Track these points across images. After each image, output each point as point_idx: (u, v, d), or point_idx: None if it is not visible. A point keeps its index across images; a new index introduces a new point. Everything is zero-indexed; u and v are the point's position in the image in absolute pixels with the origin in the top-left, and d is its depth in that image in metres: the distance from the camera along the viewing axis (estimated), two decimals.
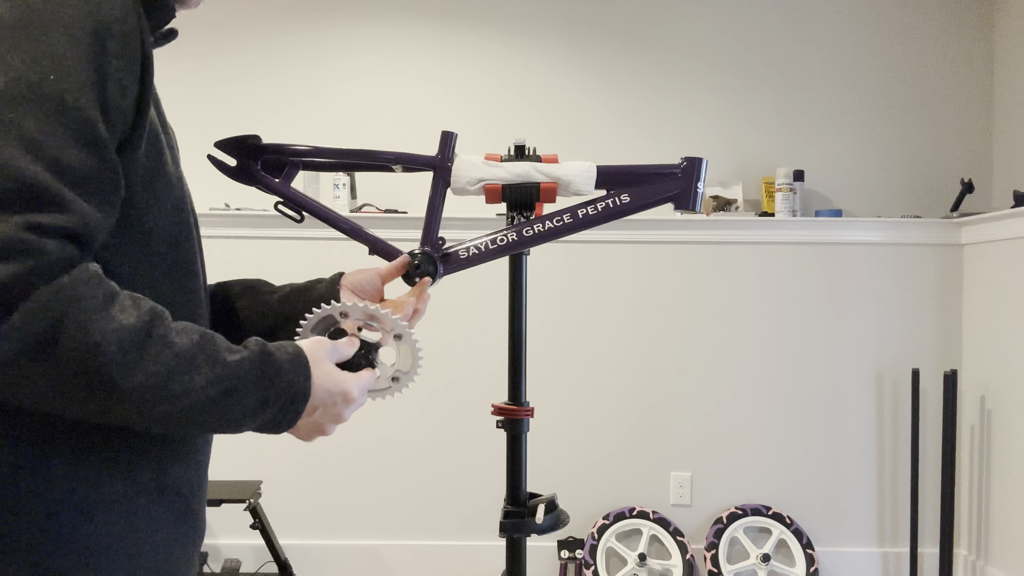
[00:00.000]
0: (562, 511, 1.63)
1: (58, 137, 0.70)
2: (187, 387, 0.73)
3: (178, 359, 0.73)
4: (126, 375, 0.70)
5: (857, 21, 3.22)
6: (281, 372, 0.81)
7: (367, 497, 3.13)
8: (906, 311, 3.15)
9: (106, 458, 0.80)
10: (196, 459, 0.92)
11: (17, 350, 0.66)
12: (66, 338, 0.67)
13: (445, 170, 1.31)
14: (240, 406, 0.78)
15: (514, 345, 1.63)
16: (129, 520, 0.81)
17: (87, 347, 0.68)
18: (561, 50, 3.21)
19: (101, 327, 0.68)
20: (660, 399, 3.15)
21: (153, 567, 0.84)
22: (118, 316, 0.70)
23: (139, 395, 0.71)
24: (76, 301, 0.68)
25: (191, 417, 0.75)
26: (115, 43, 0.74)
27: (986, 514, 3.01)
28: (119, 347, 0.69)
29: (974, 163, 3.22)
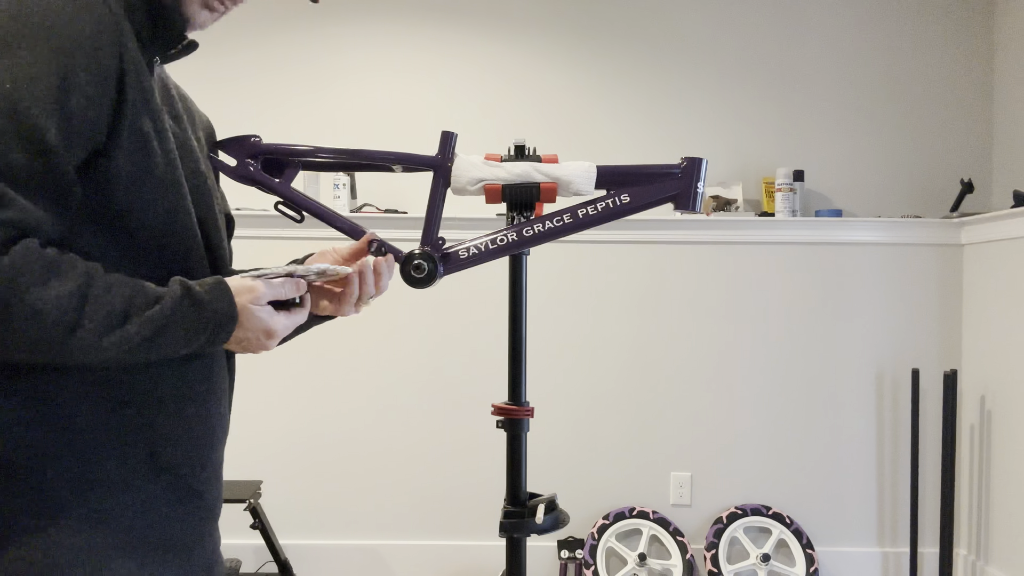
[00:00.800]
0: (562, 511, 1.63)
1: (6, 142, 0.78)
2: (123, 336, 0.84)
3: (110, 315, 0.83)
4: (68, 334, 0.80)
5: (857, 21, 3.22)
6: (203, 303, 0.90)
7: (367, 497, 3.13)
8: (906, 311, 3.15)
9: (98, 439, 0.88)
10: (195, 440, 0.98)
11: None
12: (13, 309, 0.77)
13: (445, 170, 1.31)
14: (173, 339, 0.88)
15: (514, 345, 1.63)
16: (121, 498, 0.89)
17: (31, 315, 0.78)
18: (561, 50, 3.21)
19: (41, 296, 0.78)
20: (660, 399, 3.15)
21: (149, 542, 0.91)
22: (55, 285, 0.79)
23: (82, 348, 0.81)
24: (17, 276, 0.77)
25: (132, 355, 0.85)
26: (83, 58, 0.82)
27: (986, 514, 3.01)
28: (59, 311, 0.79)
29: (974, 163, 3.22)
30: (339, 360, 3.12)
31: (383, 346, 3.13)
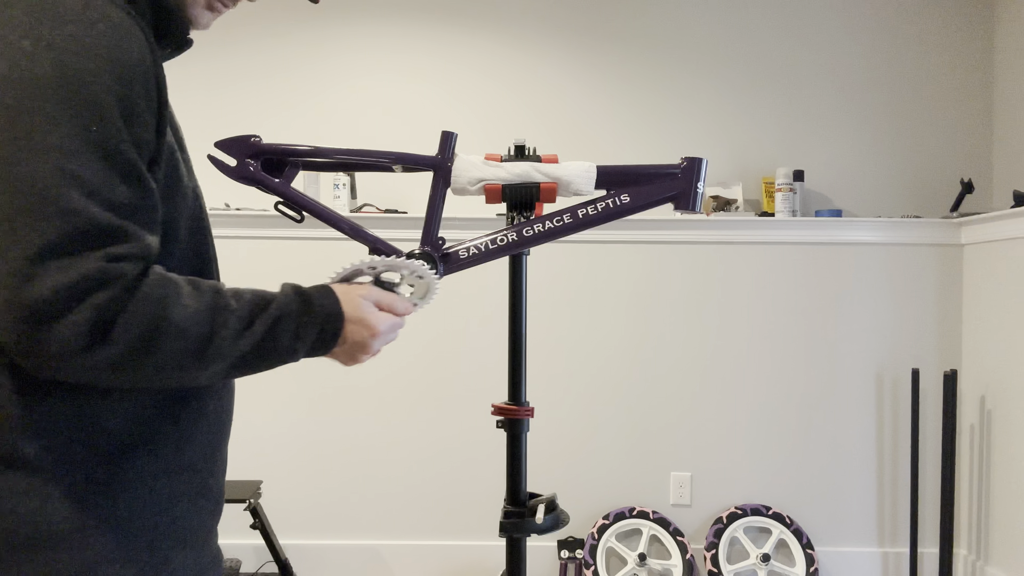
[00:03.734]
0: (562, 511, 1.63)
1: (110, 180, 0.82)
2: (251, 335, 0.91)
3: (240, 319, 0.90)
4: (207, 343, 0.87)
5: (857, 21, 3.22)
6: (313, 299, 0.98)
7: (367, 497, 3.13)
8: (906, 311, 3.15)
9: (130, 440, 0.91)
10: (209, 439, 1.02)
11: (124, 350, 0.81)
12: (162, 330, 0.84)
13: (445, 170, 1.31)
14: (288, 333, 0.94)
15: (514, 345, 1.63)
16: (150, 495, 0.93)
17: (177, 333, 0.85)
18: (561, 50, 3.21)
19: (180, 314, 0.85)
20: (660, 399, 3.15)
21: (172, 536, 0.95)
22: (189, 303, 0.86)
23: (219, 353, 0.88)
24: (159, 302, 0.84)
25: (256, 354, 0.92)
26: (139, 85, 0.85)
27: (986, 514, 3.01)
28: (197, 325, 0.86)
29: (974, 163, 3.22)
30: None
31: (383, 346, 3.12)
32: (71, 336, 0.78)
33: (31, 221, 0.78)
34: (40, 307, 0.77)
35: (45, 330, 0.78)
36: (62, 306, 0.78)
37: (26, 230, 0.77)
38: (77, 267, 0.78)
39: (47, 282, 0.77)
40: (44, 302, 0.77)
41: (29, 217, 0.78)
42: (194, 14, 1.00)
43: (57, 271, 0.78)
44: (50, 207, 0.78)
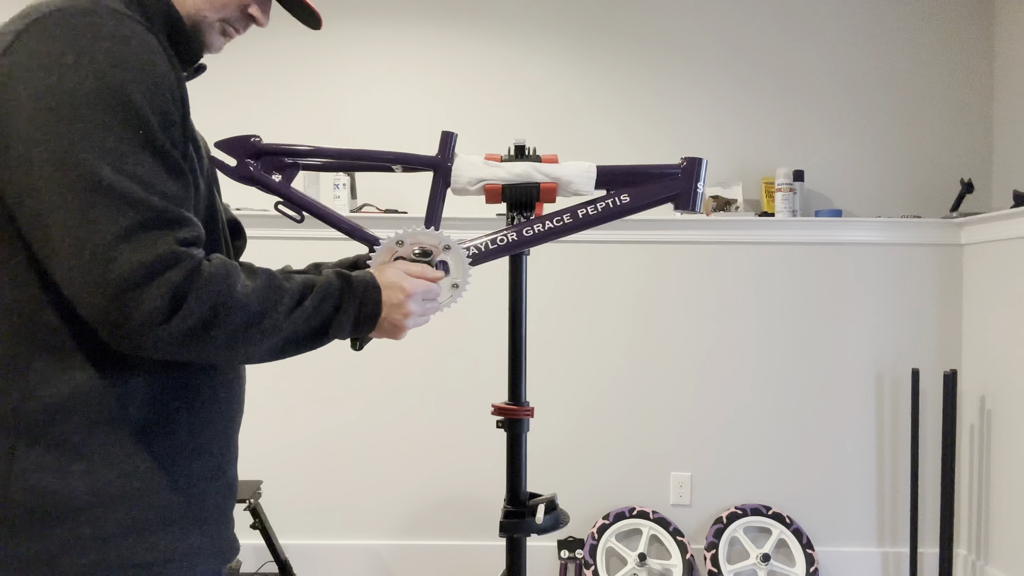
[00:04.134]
0: (562, 511, 1.63)
1: (162, 176, 0.92)
2: (303, 310, 1.01)
3: (292, 296, 1.01)
4: (265, 317, 0.97)
5: (857, 21, 3.22)
6: (352, 279, 1.08)
7: (367, 497, 3.13)
8: (906, 311, 3.15)
9: (147, 422, 0.98)
10: (222, 426, 1.09)
11: (195, 324, 0.91)
12: (224, 307, 0.93)
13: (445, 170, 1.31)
14: (331, 308, 1.05)
15: (514, 345, 1.63)
16: (166, 476, 0.99)
17: (240, 307, 0.95)
18: (561, 50, 3.21)
19: (243, 292, 0.96)
20: (660, 399, 3.15)
21: (188, 515, 1.01)
22: (247, 283, 0.97)
23: (275, 327, 0.99)
24: (223, 280, 0.94)
25: (309, 328, 1.03)
26: (168, 94, 0.95)
27: (986, 514, 3.01)
28: (258, 301, 0.97)
29: (974, 163, 3.22)
30: (339, 360, 3.13)
31: (383, 346, 3.13)
32: (152, 309, 0.87)
33: (104, 213, 0.87)
34: (123, 284, 0.87)
35: (130, 303, 0.87)
36: (142, 282, 0.87)
37: (101, 221, 0.87)
38: (152, 249, 0.88)
39: (126, 262, 0.87)
40: (126, 279, 0.87)
41: (101, 210, 0.87)
42: (209, 39, 1.10)
43: (133, 252, 0.87)
44: (118, 200, 0.87)
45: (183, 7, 1.06)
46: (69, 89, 0.88)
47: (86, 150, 0.87)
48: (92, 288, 0.87)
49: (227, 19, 1.10)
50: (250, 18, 1.13)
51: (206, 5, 1.07)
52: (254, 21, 1.13)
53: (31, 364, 0.93)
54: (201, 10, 1.07)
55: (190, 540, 1.01)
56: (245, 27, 1.14)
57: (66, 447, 0.93)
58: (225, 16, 1.10)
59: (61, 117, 0.87)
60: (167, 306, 0.88)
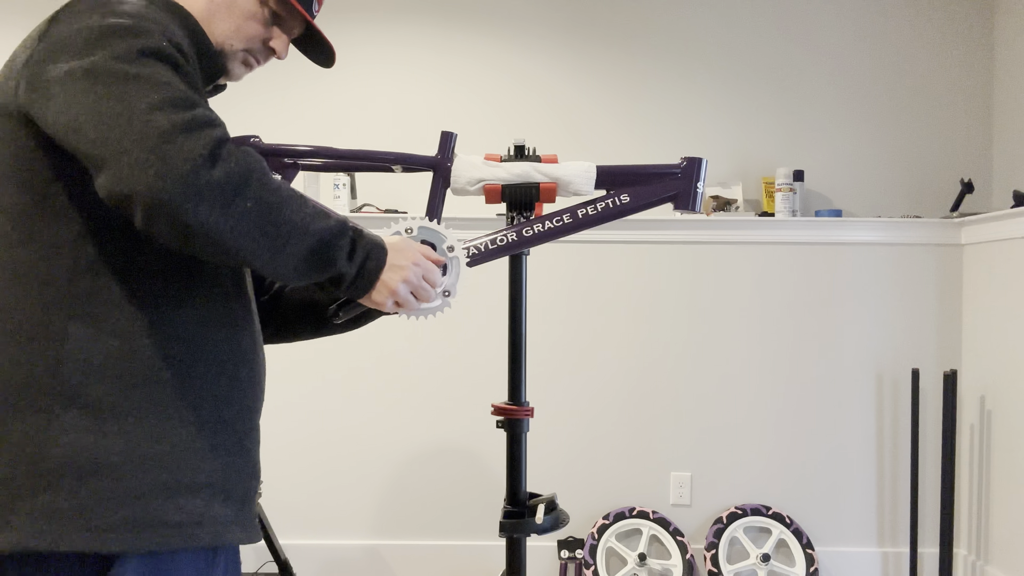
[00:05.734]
0: (562, 511, 1.63)
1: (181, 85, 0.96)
2: (327, 225, 1.02)
3: (315, 209, 1.03)
4: (296, 211, 0.99)
5: (857, 21, 3.22)
6: (363, 232, 1.09)
7: (367, 497, 3.13)
8: (906, 311, 3.15)
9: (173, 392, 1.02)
10: (246, 403, 1.13)
11: (237, 185, 0.93)
12: (260, 179, 0.96)
13: (445, 170, 1.31)
14: (347, 243, 1.05)
15: (514, 345, 1.63)
16: (192, 443, 1.03)
17: (273, 188, 0.97)
18: (561, 50, 3.21)
19: (271, 177, 0.98)
20: (660, 399, 3.15)
21: (212, 485, 1.05)
22: (275, 177, 0.99)
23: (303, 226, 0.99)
24: (259, 160, 0.97)
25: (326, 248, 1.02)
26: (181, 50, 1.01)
27: (986, 514, 3.01)
28: (288, 191, 0.99)
29: (974, 163, 3.22)
30: (339, 360, 3.13)
31: (383, 346, 3.13)
32: (194, 155, 0.89)
33: (137, 92, 0.91)
34: (163, 135, 0.89)
35: (171, 150, 0.89)
36: (182, 133, 0.90)
37: (135, 98, 0.91)
38: (189, 111, 0.92)
39: (165, 119, 0.90)
40: (165, 132, 0.89)
41: (133, 90, 0.91)
42: (231, 67, 1.18)
43: (170, 114, 0.91)
44: (149, 83, 0.93)
45: (211, 35, 1.13)
46: (97, 33, 0.95)
47: (115, 60, 0.93)
48: (132, 146, 0.89)
49: (250, 50, 1.18)
50: (271, 51, 1.21)
51: (234, 36, 1.15)
52: (274, 54, 1.21)
53: (66, 330, 0.98)
54: (229, 39, 1.15)
55: (216, 510, 1.05)
56: (266, 59, 1.22)
57: (101, 408, 0.98)
58: (249, 47, 1.18)
59: (91, 47, 0.94)
60: (208, 155, 0.90)
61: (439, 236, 1.22)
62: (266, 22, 1.18)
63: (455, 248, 1.22)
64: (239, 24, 1.15)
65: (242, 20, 1.15)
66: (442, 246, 1.22)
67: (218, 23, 1.14)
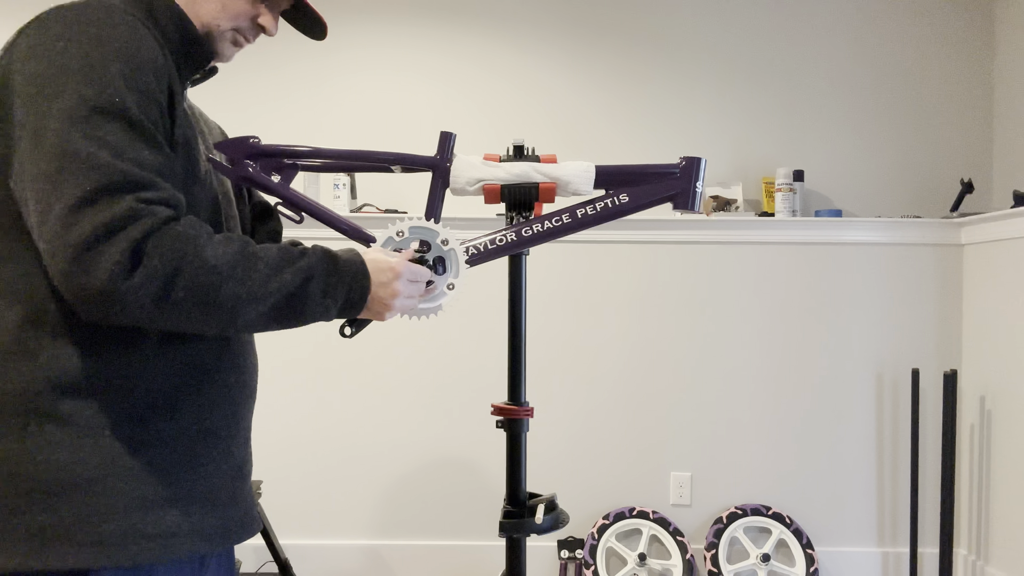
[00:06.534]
0: (562, 511, 1.63)
1: (135, 144, 0.94)
2: (282, 282, 1.00)
3: (269, 267, 1.00)
4: (239, 283, 0.96)
5: (857, 21, 3.22)
6: (340, 261, 1.07)
7: (367, 497, 3.14)
8: (906, 311, 3.15)
9: (153, 402, 1.02)
10: (231, 408, 1.12)
11: (162, 283, 0.91)
12: (190, 267, 0.93)
13: (444, 170, 1.31)
14: (319, 289, 1.03)
15: (514, 345, 1.63)
16: (171, 455, 1.03)
17: (207, 269, 0.94)
18: (560, 50, 3.21)
19: (213, 253, 0.95)
20: (660, 399, 3.15)
21: (194, 495, 1.05)
22: (219, 246, 0.96)
23: (251, 295, 0.97)
24: (191, 239, 0.94)
25: (291, 304, 1.01)
26: (150, 75, 0.98)
27: (986, 514, 3.01)
28: (229, 265, 0.96)
29: (974, 163, 3.22)
30: (339, 360, 3.13)
31: (383, 345, 3.13)
32: (112, 264, 0.89)
33: (69, 178, 0.90)
34: (81, 244, 0.89)
35: (88, 262, 0.89)
36: (101, 240, 0.89)
37: (66, 186, 0.90)
38: (111, 209, 0.90)
39: (87, 223, 0.89)
40: (84, 240, 0.88)
41: (67, 175, 0.90)
42: (221, 48, 1.16)
43: (94, 214, 0.89)
44: (84, 165, 0.90)
45: (197, 17, 1.11)
46: (54, 71, 0.93)
47: (61, 120, 0.91)
48: (56, 251, 0.90)
49: (239, 28, 1.16)
50: (260, 27, 1.18)
51: (221, 15, 1.13)
52: (263, 30, 1.19)
53: (41, 349, 0.98)
54: (216, 19, 1.13)
55: (195, 518, 1.04)
56: (255, 36, 1.19)
57: (77, 423, 0.97)
58: (237, 26, 1.16)
59: (44, 95, 0.93)
60: (127, 260, 0.89)
61: (432, 232, 1.23)
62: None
63: (449, 241, 1.22)
64: (225, 3, 1.13)
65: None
66: (436, 241, 1.22)
67: (203, 4, 1.12)
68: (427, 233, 1.23)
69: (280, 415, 3.12)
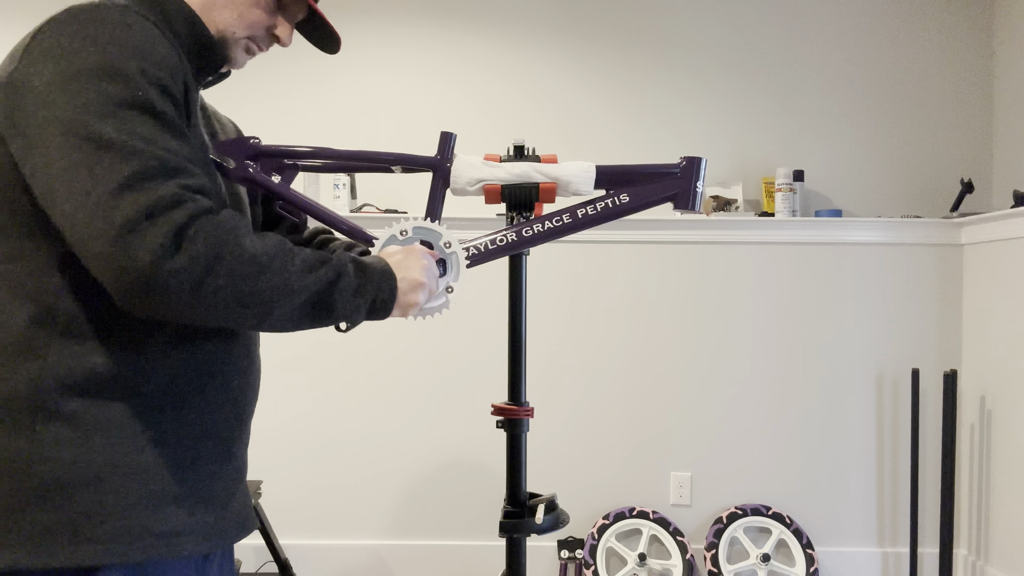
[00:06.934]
0: (562, 511, 1.63)
1: (163, 134, 0.95)
2: (317, 277, 1.01)
3: (304, 261, 1.01)
4: (276, 273, 0.97)
5: (857, 21, 3.22)
6: (366, 265, 1.09)
7: (367, 497, 3.14)
8: (906, 311, 3.15)
9: (158, 403, 1.03)
10: (235, 410, 1.13)
11: (202, 267, 0.91)
12: (230, 254, 0.93)
13: (444, 171, 1.31)
14: (351, 287, 1.05)
15: (514, 345, 1.63)
16: (174, 455, 1.04)
17: (247, 259, 0.95)
18: (561, 50, 3.21)
19: (253, 244, 0.96)
20: (660, 399, 3.15)
21: (195, 494, 1.06)
22: (258, 239, 0.98)
23: (287, 287, 0.98)
24: (232, 230, 0.95)
25: (324, 300, 1.02)
26: (167, 72, 0.99)
27: (986, 514, 3.01)
28: (268, 256, 0.97)
29: (974, 163, 3.22)
30: (339, 360, 3.13)
31: (383, 346, 3.13)
32: (156, 246, 0.88)
33: (108, 165, 0.90)
34: (127, 225, 0.88)
35: (131, 244, 0.88)
36: (144, 222, 0.88)
37: (105, 172, 0.90)
38: (154, 191, 0.90)
39: (130, 206, 0.89)
40: (128, 221, 0.88)
41: (105, 163, 0.90)
42: (234, 54, 1.16)
43: (137, 198, 0.89)
44: (120, 153, 0.91)
45: (212, 23, 1.12)
46: (74, 71, 0.93)
47: (89, 115, 0.92)
48: (97, 235, 0.89)
49: (253, 37, 1.17)
50: (275, 38, 1.19)
51: (237, 23, 1.14)
52: (278, 41, 1.19)
53: (49, 348, 0.98)
54: (231, 26, 1.13)
55: (198, 517, 1.06)
56: (268, 46, 1.20)
57: (84, 421, 0.98)
58: (252, 35, 1.16)
59: (67, 92, 0.93)
60: (171, 243, 0.89)
61: (435, 234, 1.23)
62: (270, 9, 1.16)
63: (452, 244, 1.23)
64: (242, 11, 1.14)
65: (245, 7, 1.14)
66: (439, 243, 1.23)
67: (220, 10, 1.12)
68: (430, 234, 1.23)
69: (280, 414, 3.12)
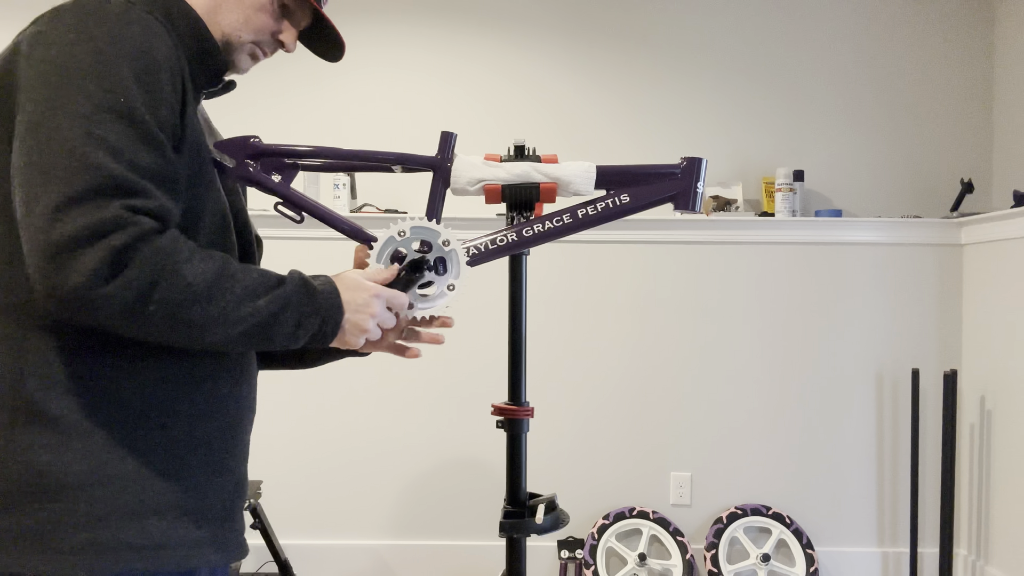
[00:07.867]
0: (562, 511, 1.63)
1: (134, 145, 0.93)
2: (255, 308, 0.98)
3: (245, 289, 0.98)
4: (212, 302, 0.94)
5: (857, 21, 3.22)
6: (317, 293, 1.05)
7: (367, 497, 3.13)
8: (906, 311, 3.15)
9: (142, 409, 1.00)
10: (227, 420, 1.09)
11: (135, 293, 0.89)
12: (166, 281, 0.91)
13: (444, 170, 1.31)
14: (293, 318, 1.02)
15: (514, 345, 1.63)
16: (160, 464, 1.00)
17: (184, 286, 0.92)
18: (561, 50, 3.21)
19: (191, 270, 0.93)
20: (660, 399, 3.15)
21: (184, 507, 1.02)
22: (199, 264, 0.94)
23: (223, 317, 0.95)
24: (171, 255, 0.92)
25: (262, 331, 0.99)
26: (164, 74, 0.98)
27: (986, 514, 3.01)
28: (204, 284, 0.94)
29: (974, 163, 3.22)
30: (339, 360, 3.12)
31: None
32: (91, 270, 0.87)
33: (61, 175, 0.88)
34: (63, 244, 0.87)
35: (66, 263, 0.87)
36: (82, 243, 0.87)
37: (56, 182, 0.88)
38: (98, 213, 0.88)
39: (69, 225, 0.87)
40: (66, 240, 0.87)
41: (59, 171, 0.89)
42: (238, 59, 1.16)
43: (79, 215, 0.87)
44: (77, 163, 0.89)
45: (217, 27, 1.11)
46: (63, 62, 0.92)
47: (62, 114, 0.90)
48: (35, 247, 0.88)
49: (258, 42, 1.16)
50: (279, 43, 1.18)
51: (243, 27, 1.13)
52: (282, 46, 1.18)
53: (33, 346, 0.96)
54: (237, 31, 1.12)
55: (184, 531, 1.01)
56: (273, 51, 1.19)
57: (64, 425, 0.95)
58: (258, 39, 1.15)
59: (49, 85, 0.92)
60: (107, 269, 0.88)
61: (433, 233, 1.23)
62: (276, 14, 1.15)
63: (450, 242, 1.23)
64: (248, 16, 1.12)
65: (251, 12, 1.12)
66: (437, 242, 1.23)
67: (226, 14, 1.11)
68: (428, 233, 1.22)
69: (280, 414, 3.11)
